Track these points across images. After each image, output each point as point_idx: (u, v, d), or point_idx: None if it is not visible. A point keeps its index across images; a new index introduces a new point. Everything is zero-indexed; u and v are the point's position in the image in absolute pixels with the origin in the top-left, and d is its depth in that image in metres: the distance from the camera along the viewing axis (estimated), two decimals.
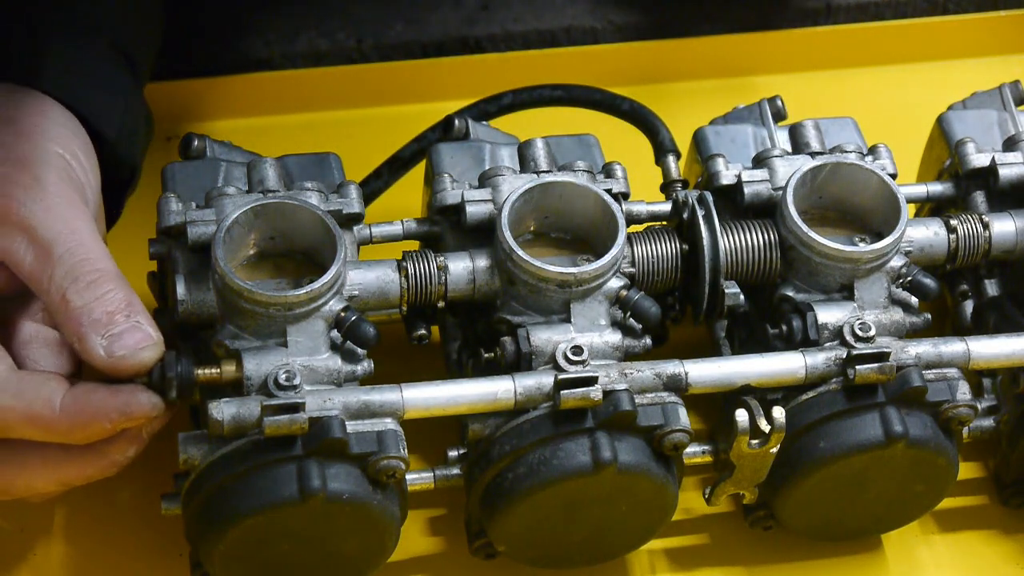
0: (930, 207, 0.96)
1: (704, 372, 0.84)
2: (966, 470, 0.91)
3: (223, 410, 0.79)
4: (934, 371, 0.85)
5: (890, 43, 1.17)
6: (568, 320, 0.84)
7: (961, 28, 1.16)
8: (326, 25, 1.13)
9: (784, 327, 0.86)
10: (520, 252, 0.83)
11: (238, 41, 1.13)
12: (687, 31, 1.15)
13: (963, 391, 0.85)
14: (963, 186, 0.93)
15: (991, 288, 0.92)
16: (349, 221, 0.87)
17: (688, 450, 0.85)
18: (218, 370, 0.80)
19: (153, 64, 0.95)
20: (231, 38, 1.13)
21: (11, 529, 0.90)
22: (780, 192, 0.88)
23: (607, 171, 0.90)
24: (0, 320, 0.83)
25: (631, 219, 0.90)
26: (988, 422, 0.89)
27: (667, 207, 0.91)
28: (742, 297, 0.87)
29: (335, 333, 0.82)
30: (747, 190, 0.89)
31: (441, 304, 0.86)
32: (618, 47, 1.14)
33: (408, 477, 0.83)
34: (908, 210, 0.87)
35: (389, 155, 0.97)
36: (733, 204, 0.90)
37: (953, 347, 0.85)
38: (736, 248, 0.87)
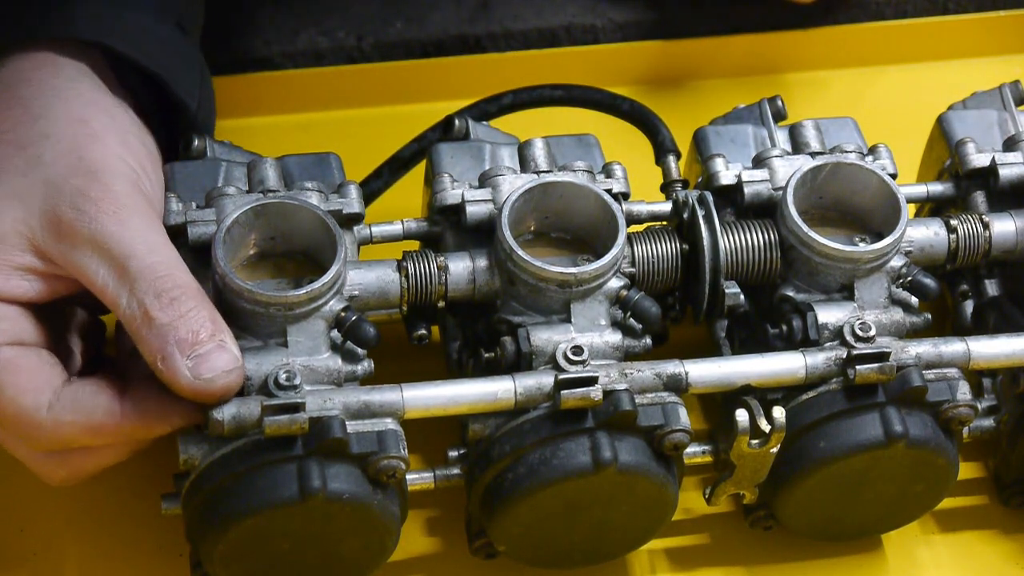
0: (930, 207, 0.96)
1: (704, 372, 0.84)
2: (966, 470, 0.91)
3: (223, 410, 0.79)
4: (934, 371, 0.85)
5: (890, 43, 1.17)
6: (568, 320, 0.84)
7: (961, 28, 1.16)
8: (326, 23, 1.13)
9: (784, 327, 0.86)
10: (520, 252, 0.83)
11: (237, 40, 1.13)
12: (687, 30, 1.15)
13: (963, 391, 0.85)
14: (963, 186, 0.93)
15: (991, 288, 0.92)
16: (349, 221, 0.87)
17: (688, 450, 0.85)
18: None
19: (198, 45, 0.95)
20: (230, 37, 1.12)
21: (11, 529, 0.90)
22: (780, 192, 0.88)
23: (607, 171, 0.90)
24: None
25: (631, 219, 0.90)
26: (988, 422, 0.89)
27: (667, 207, 0.91)
28: (742, 297, 0.87)
29: (335, 333, 0.82)
30: (747, 190, 0.89)
31: (441, 304, 0.86)
32: (618, 47, 1.14)
33: (408, 477, 0.83)
34: (908, 210, 0.87)
35: (389, 155, 0.97)
36: (733, 204, 0.90)
37: (953, 347, 0.85)
38: (736, 248, 0.87)
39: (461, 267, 0.85)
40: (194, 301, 0.78)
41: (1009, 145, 0.93)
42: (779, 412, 0.82)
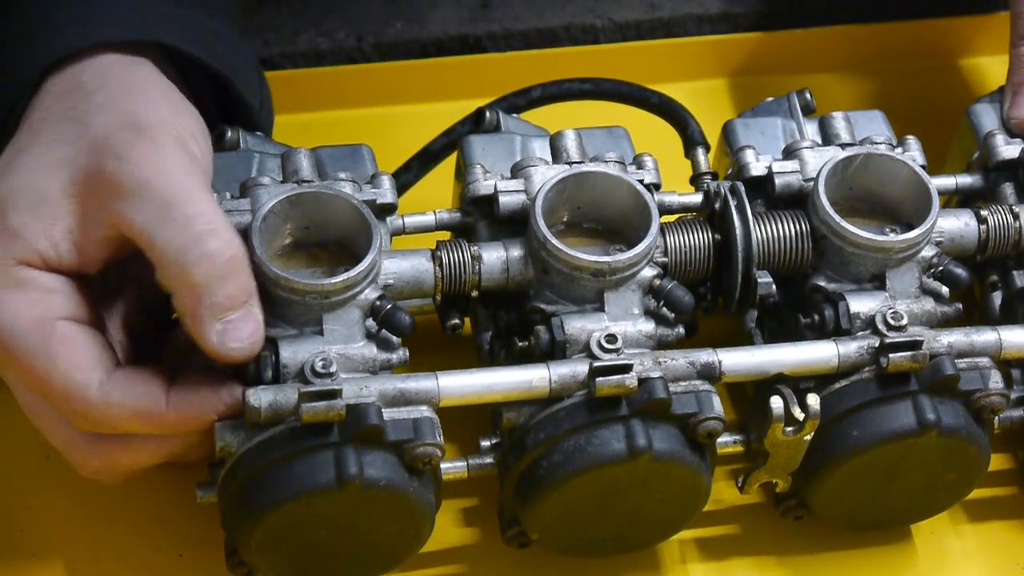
0: (958, 199, 0.96)
1: (737, 360, 0.84)
2: (995, 461, 0.91)
3: (260, 397, 0.79)
4: (966, 360, 0.85)
5: (911, 41, 1.17)
6: (602, 309, 0.84)
7: (984, 25, 1.17)
8: (326, 24, 1.13)
9: (816, 316, 0.86)
10: (554, 241, 0.83)
11: None
12: (687, 30, 1.16)
13: (995, 380, 0.85)
14: (991, 178, 0.94)
15: (1020, 279, 0.92)
16: (383, 211, 0.87)
17: (719, 439, 0.85)
18: None
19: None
20: None
21: (11, 529, 0.90)
22: (811, 183, 0.88)
23: (638, 162, 0.90)
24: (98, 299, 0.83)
25: (663, 210, 0.90)
26: (1018, 412, 0.90)
27: (698, 198, 0.91)
28: (774, 287, 0.87)
29: (370, 322, 0.83)
30: (778, 181, 0.90)
31: (475, 293, 0.86)
32: (619, 47, 1.15)
33: (442, 466, 0.83)
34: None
35: (388, 155, 0.97)
36: (763, 195, 0.91)
37: (985, 336, 0.86)
38: (768, 238, 0.87)
39: (495, 257, 0.86)
40: (233, 261, 0.78)
41: None
42: (814, 400, 0.82)
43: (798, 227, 0.87)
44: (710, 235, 0.88)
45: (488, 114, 0.93)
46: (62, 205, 0.79)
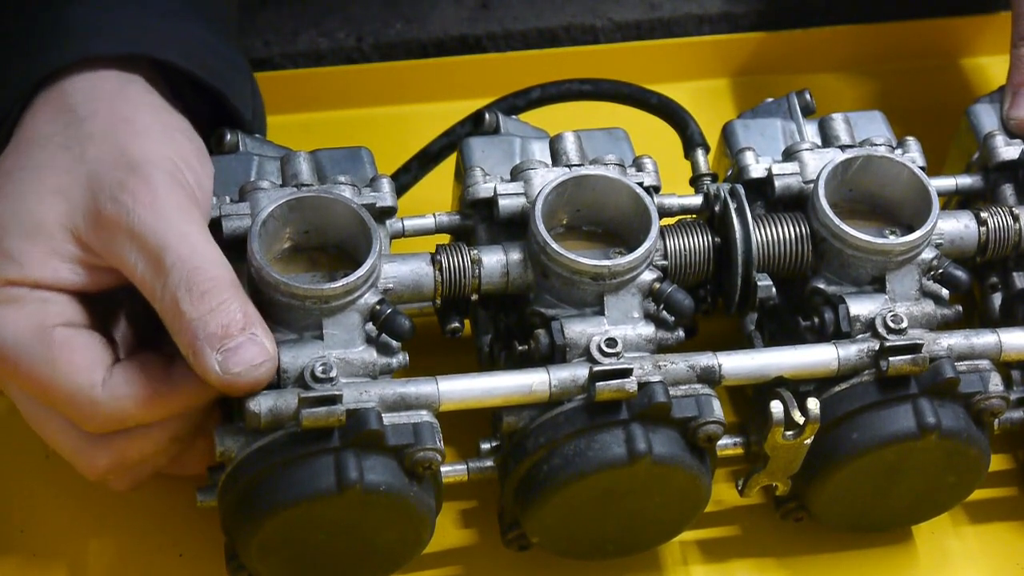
0: (958, 200, 0.96)
1: (738, 364, 0.84)
2: (995, 462, 0.91)
3: (260, 403, 0.79)
4: (966, 363, 0.85)
5: (911, 41, 1.17)
6: (601, 313, 0.84)
7: (984, 25, 1.17)
8: (326, 24, 1.13)
9: (816, 319, 0.86)
10: (554, 245, 0.83)
11: (237, 41, 1.13)
12: (687, 30, 1.15)
13: (995, 382, 0.85)
14: (991, 179, 0.94)
15: (1020, 280, 0.92)
16: (382, 214, 0.87)
17: (719, 442, 0.85)
18: None
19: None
20: None
21: (11, 529, 0.90)
22: (811, 185, 0.88)
23: (638, 164, 0.90)
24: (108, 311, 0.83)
25: (662, 212, 0.90)
26: (1018, 414, 0.90)
27: (698, 200, 0.91)
28: (774, 290, 0.87)
29: (370, 326, 0.83)
30: (777, 183, 0.90)
31: (475, 297, 0.86)
32: (619, 47, 1.15)
33: (442, 469, 0.83)
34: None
35: (388, 155, 0.97)
36: (763, 197, 0.91)
37: (985, 339, 0.86)
38: (768, 241, 0.87)
39: (494, 260, 0.86)
40: (226, 293, 0.78)
41: None
42: (813, 404, 0.82)
43: (798, 230, 0.87)
44: (710, 238, 0.88)
45: (488, 116, 0.93)
46: (62, 236, 0.79)
